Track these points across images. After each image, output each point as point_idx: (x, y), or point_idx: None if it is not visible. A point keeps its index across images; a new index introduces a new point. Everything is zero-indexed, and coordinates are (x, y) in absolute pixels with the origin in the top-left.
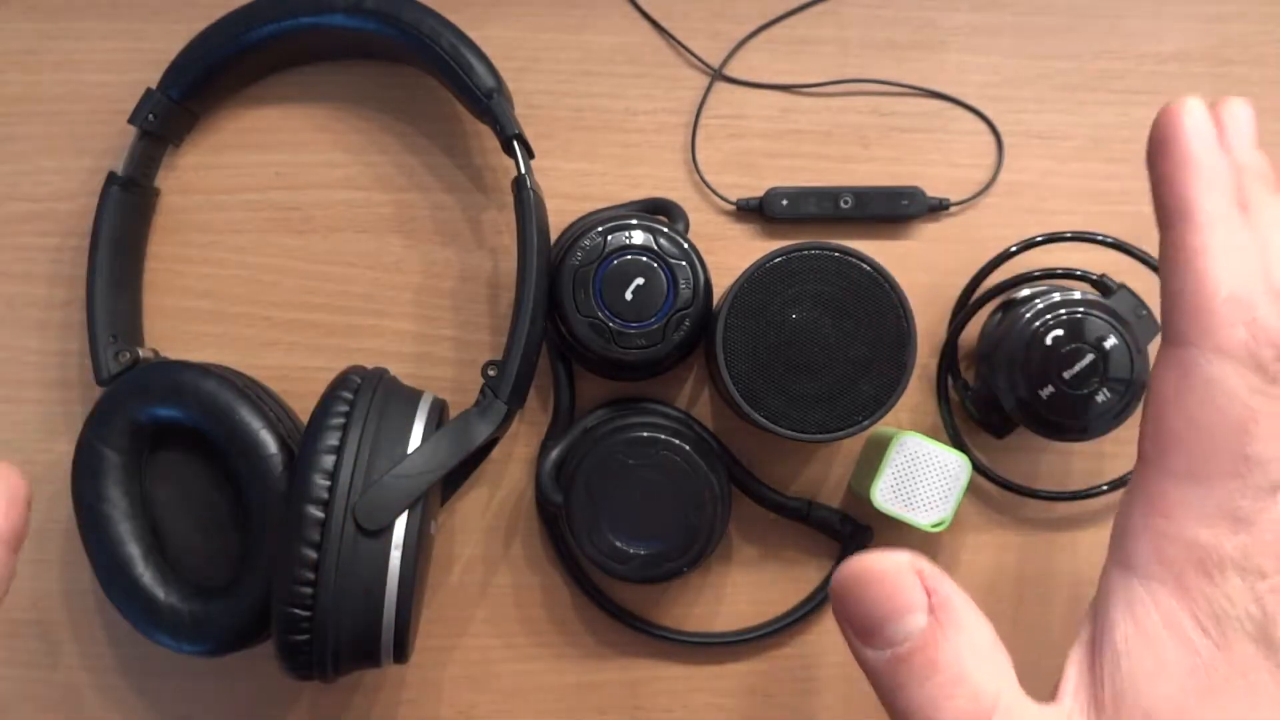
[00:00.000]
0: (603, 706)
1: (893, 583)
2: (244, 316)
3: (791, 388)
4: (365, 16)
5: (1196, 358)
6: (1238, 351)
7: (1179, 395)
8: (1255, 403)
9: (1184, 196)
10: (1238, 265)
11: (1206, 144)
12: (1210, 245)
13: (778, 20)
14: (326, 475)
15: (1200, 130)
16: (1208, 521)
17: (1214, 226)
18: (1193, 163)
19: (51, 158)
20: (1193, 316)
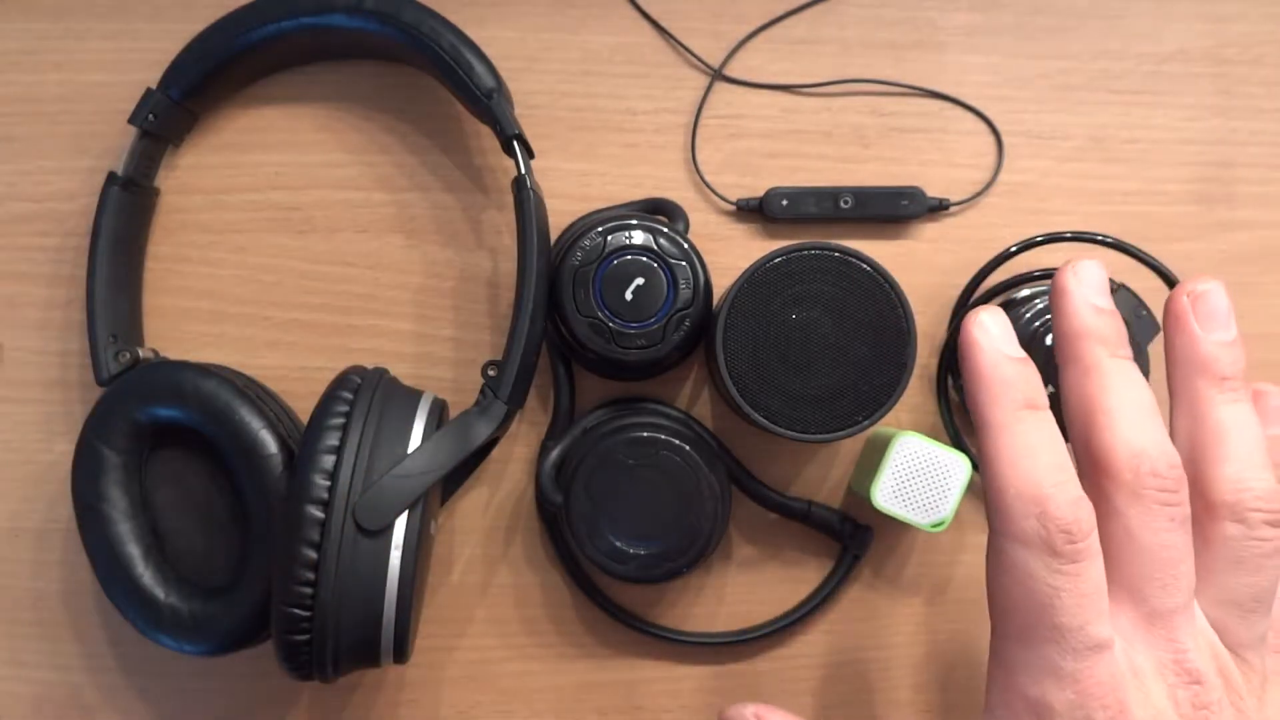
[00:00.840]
0: (603, 706)
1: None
2: (244, 316)
3: (791, 388)
4: (365, 16)
5: (1002, 545)
6: (1032, 540)
7: (996, 576)
8: (1055, 581)
9: (976, 409)
10: (1025, 465)
11: (993, 358)
12: (1000, 451)
13: (778, 20)
14: (326, 475)
15: (989, 343)
16: (1036, 679)
17: (1001, 434)
18: (981, 378)
19: (51, 158)
20: (994, 511)
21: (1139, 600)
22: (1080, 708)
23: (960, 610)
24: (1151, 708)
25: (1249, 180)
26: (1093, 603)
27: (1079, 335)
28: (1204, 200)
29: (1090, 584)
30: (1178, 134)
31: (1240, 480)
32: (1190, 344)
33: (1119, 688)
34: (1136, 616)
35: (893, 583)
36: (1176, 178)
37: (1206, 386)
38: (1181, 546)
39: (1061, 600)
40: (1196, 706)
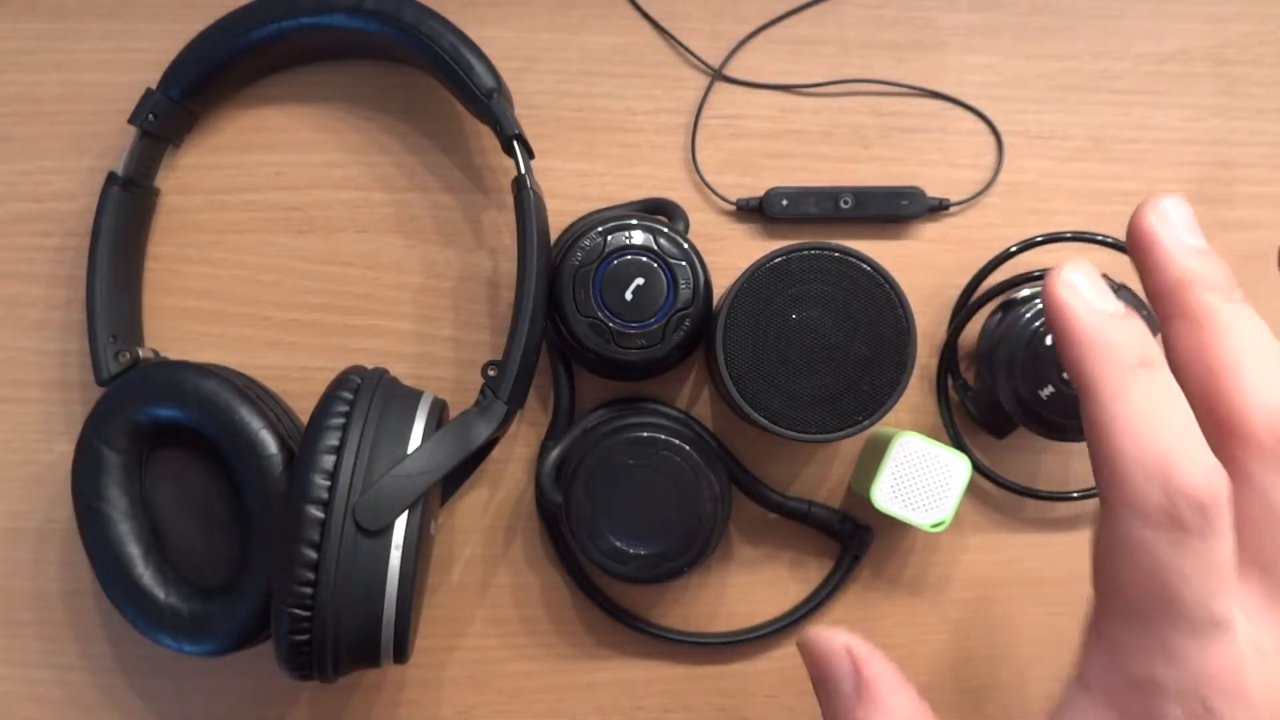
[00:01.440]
0: (603, 706)
1: (827, 658)
2: (244, 316)
3: (791, 388)
4: (365, 16)
5: (1119, 520)
6: (1154, 513)
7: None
8: (1180, 560)
9: (1081, 374)
10: (1145, 430)
11: (1092, 317)
12: (1115, 418)
13: (778, 20)
14: (326, 475)
15: (1082, 303)
16: (1146, 656)
17: (1115, 400)
18: (1082, 342)
19: (51, 158)
20: (1109, 485)
21: (1270, 576)
22: (1194, 691)
23: (960, 610)
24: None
25: (1249, 180)
26: (1219, 579)
27: (1184, 284)
28: (1204, 200)
29: (1220, 561)
30: (1178, 134)
31: None
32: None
33: (1239, 669)
34: (1264, 593)
35: (893, 583)
36: (1176, 178)
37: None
38: None
39: (1187, 580)
40: None
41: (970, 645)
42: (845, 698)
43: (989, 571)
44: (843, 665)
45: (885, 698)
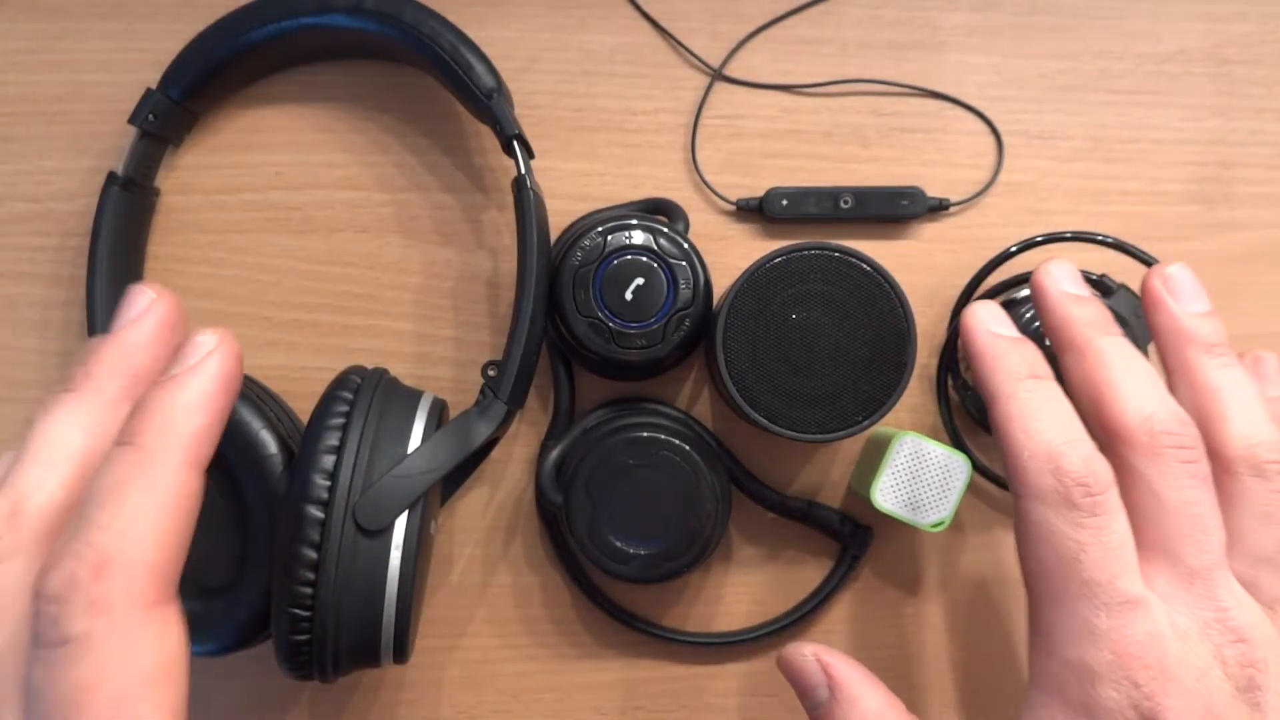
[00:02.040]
0: (603, 706)
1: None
2: (244, 316)
3: (791, 388)
4: (365, 16)
5: (1024, 507)
6: (1050, 496)
7: (1023, 540)
8: (1077, 534)
9: (982, 383)
10: (1035, 426)
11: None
12: (1010, 417)
13: (778, 20)
14: (326, 475)
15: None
16: (1073, 640)
17: (1009, 402)
18: (980, 354)
19: (51, 158)
20: (1012, 475)
21: (1174, 560)
22: (1121, 668)
23: (960, 610)
24: (1196, 668)
25: (1249, 180)
26: (1119, 556)
27: (1066, 323)
28: (1204, 200)
29: (1114, 537)
30: (1178, 134)
31: (1249, 435)
32: (1172, 320)
33: (1159, 647)
34: (1174, 577)
35: (893, 583)
36: (1176, 178)
37: (1197, 354)
38: (1207, 503)
39: (1087, 554)
40: (1243, 664)
41: (970, 645)
42: (823, 704)
43: (989, 571)
44: (815, 674)
45: (858, 697)
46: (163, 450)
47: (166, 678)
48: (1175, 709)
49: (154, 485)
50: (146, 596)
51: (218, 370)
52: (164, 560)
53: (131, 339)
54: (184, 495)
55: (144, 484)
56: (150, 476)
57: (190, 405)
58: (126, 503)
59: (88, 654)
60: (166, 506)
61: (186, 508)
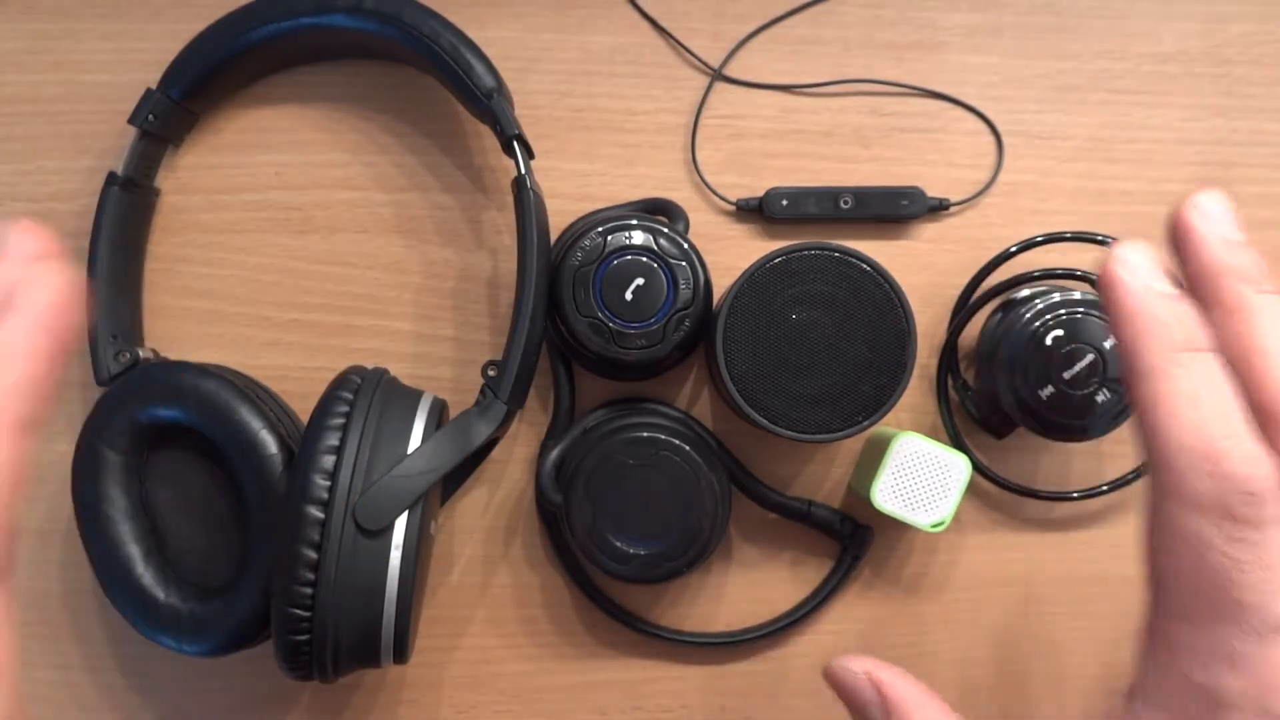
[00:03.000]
0: (603, 706)
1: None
2: (244, 316)
3: (791, 388)
4: (365, 16)
5: (1170, 510)
6: (1206, 503)
7: (1163, 545)
8: (1234, 550)
9: (1128, 350)
10: (1191, 415)
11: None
12: (1160, 399)
13: (778, 20)
14: (326, 475)
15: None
16: (1206, 662)
17: (1160, 380)
18: (1130, 318)
19: (51, 158)
20: (1159, 472)
21: None
22: (1260, 699)
23: (960, 610)
24: None
25: (1249, 180)
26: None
27: (1216, 274)
28: None
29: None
30: (1178, 134)
31: None
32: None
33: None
34: None
35: (893, 583)
36: (1176, 178)
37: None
38: None
39: (1244, 574)
40: None
41: (970, 645)
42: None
43: (989, 571)
44: (867, 692)
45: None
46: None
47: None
48: None
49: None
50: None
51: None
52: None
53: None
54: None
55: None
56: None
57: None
58: None
59: None
60: None
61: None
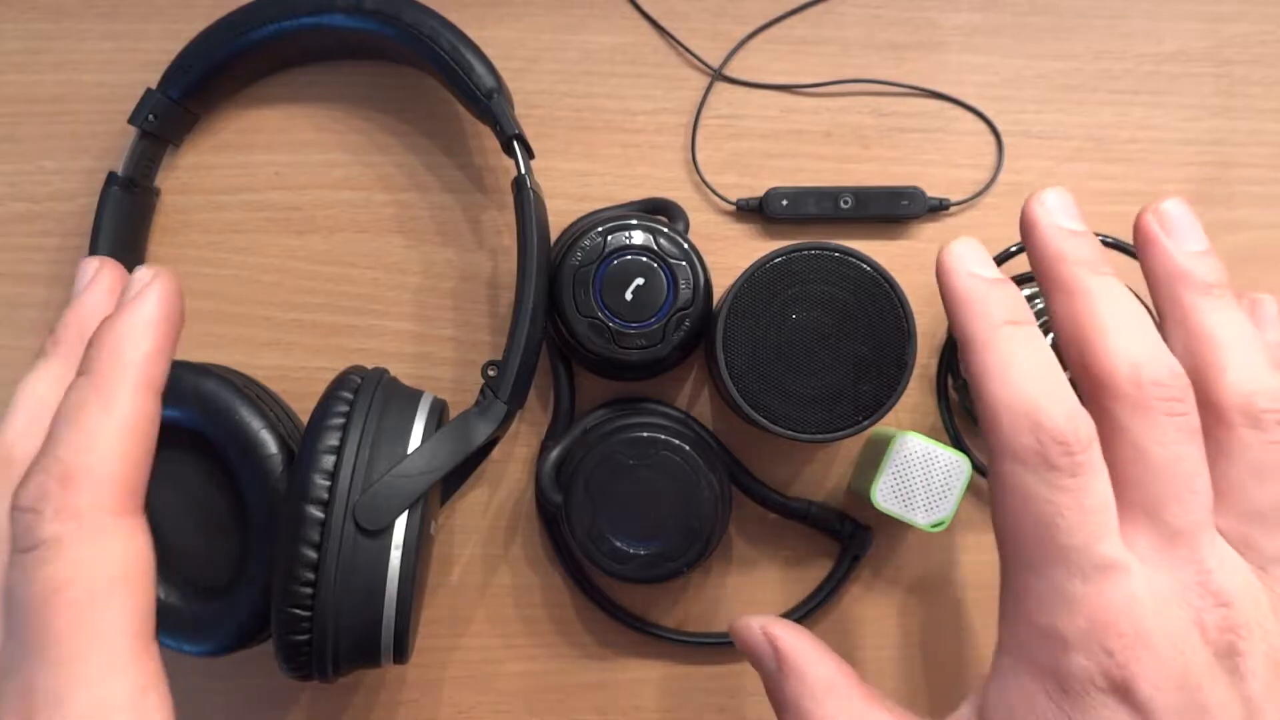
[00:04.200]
0: (603, 706)
1: (750, 644)
2: (244, 316)
3: (791, 388)
4: (365, 16)
5: (1001, 466)
6: (1028, 456)
7: (998, 500)
8: (1055, 497)
9: (958, 328)
10: (1014, 378)
11: (967, 279)
12: (986, 367)
13: (778, 20)
14: (326, 475)
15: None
16: (1045, 606)
17: (985, 350)
18: (956, 298)
19: (51, 158)
20: (988, 432)
21: (1156, 520)
22: (1094, 636)
23: (960, 610)
24: (1174, 635)
25: (1249, 180)
26: (1098, 519)
27: (1056, 259)
28: (1204, 200)
29: (1094, 498)
30: (1178, 134)
31: (1246, 383)
32: (1166, 258)
33: (1135, 613)
34: (1155, 538)
35: (893, 583)
36: (1176, 178)
37: (1192, 296)
38: (1195, 459)
39: (1065, 517)
40: (1224, 630)
41: (970, 645)
42: (773, 675)
43: (989, 571)
44: (763, 646)
45: (805, 666)
46: (115, 375)
47: (133, 581)
48: (1148, 677)
49: (110, 406)
50: (112, 505)
51: (157, 297)
52: (126, 473)
53: (87, 303)
54: (141, 415)
55: (101, 405)
56: (106, 398)
57: (135, 332)
58: (87, 422)
59: (58, 555)
60: (124, 425)
61: (144, 427)
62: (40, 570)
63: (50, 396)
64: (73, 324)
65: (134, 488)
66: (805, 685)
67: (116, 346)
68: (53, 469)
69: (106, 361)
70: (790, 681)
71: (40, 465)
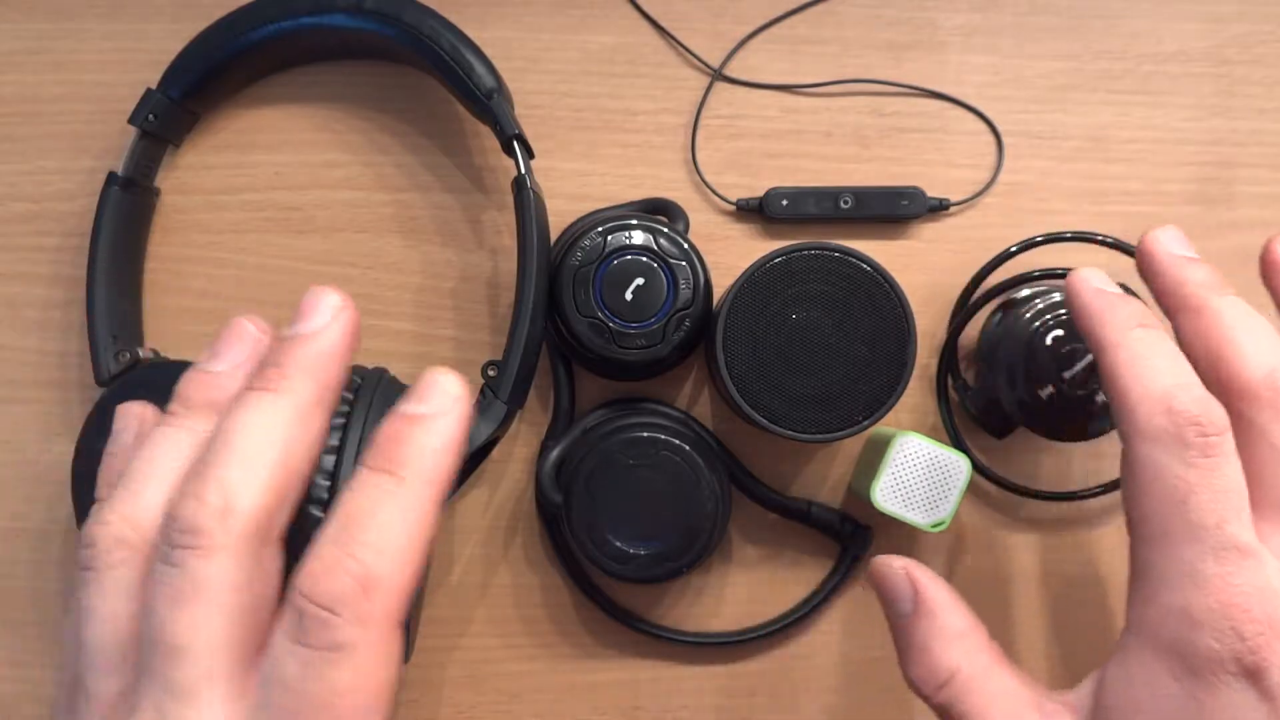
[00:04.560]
0: (603, 706)
1: (889, 580)
2: None
3: (791, 388)
4: (365, 16)
5: (1133, 448)
6: (1161, 435)
7: (1130, 481)
8: (1187, 474)
9: (1090, 336)
10: (1146, 370)
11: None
12: (1119, 364)
13: (778, 20)
14: (327, 475)
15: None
16: (1175, 583)
17: (1118, 349)
18: (1087, 308)
19: (51, 158)
20: (1122, 420)
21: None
22: (1226, 617)
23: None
24: None
25: (1249, 180)
26: (1230, 500)
27: (1178, 284)
28: (1204, 200)
29: (1226, 480)
30: (1178, 134)
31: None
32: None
33: (1269, 602)
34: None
35: None
36: (1176, 178)
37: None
38: None
39: (1196, 495)
40: None
41: None
42: (905, 616)
43: (989, 571)
44: (902, 585)
45: (939, 613)
46: (418, 484)
47: (393, 692)
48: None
49: (409, 513)
50: (398, 616)
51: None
52: (412, 584)
53: (325, 345)
54: (431, 525)
55: (401, 511)
56: (406, 505)
57: (441, 447)
58: (390, 527)
59: (350, 661)
60: (419, 535)
61: (431, 537)
62: (329, 671)
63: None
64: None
65: (411, 597)
66: (936, 628)
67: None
68: (355, 571)
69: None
70: (923, 622)
71: (341, 564)
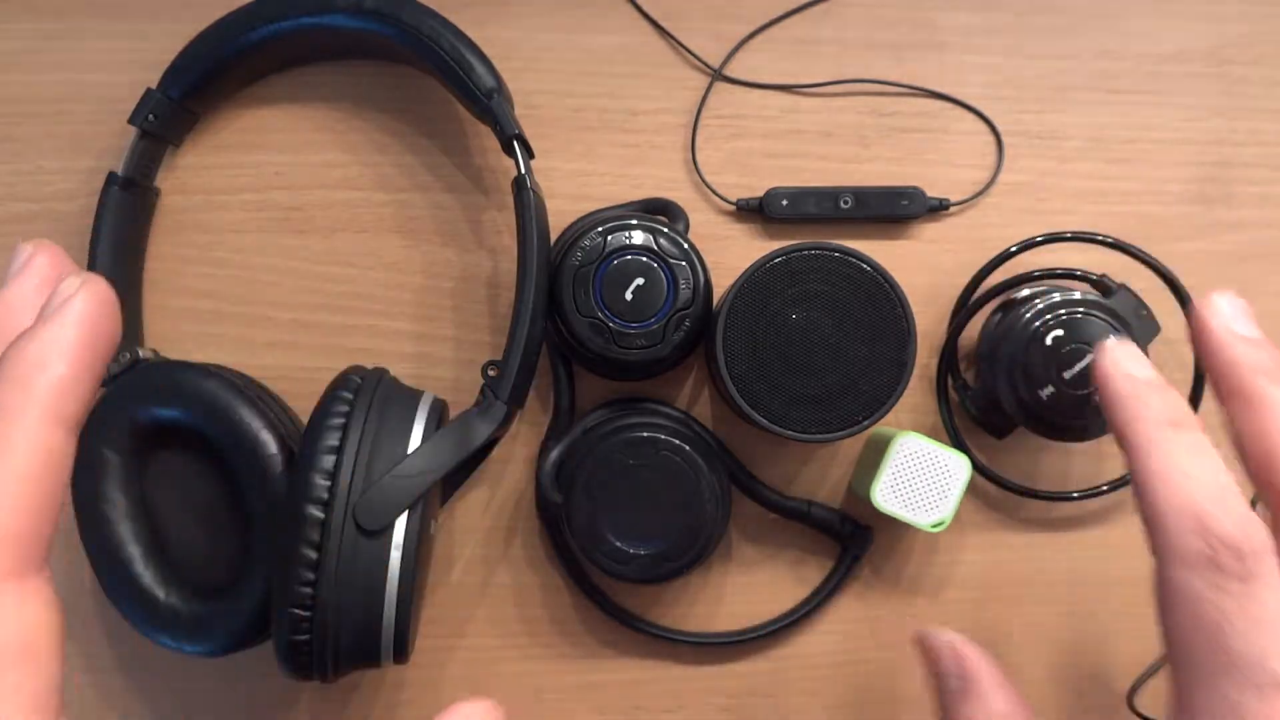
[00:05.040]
0: (603, 706)
1: (937, 654)
2: (244, 316)
3: (791, 388)
4: (365, 16)
5: (1166, 572)
6: (1196, 560)
7: (1165, 605)
8: (1222, 602)
9: (1119, 430)
10: (1180, 481)
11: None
12: (1151, 470)
13: (778, 20)
14: (326, 475)
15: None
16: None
17: (1150, 453)
18: (1120, 399)
19: (51, 158)
20: (1153, 534)
21: None
22: None
23: (960, 610)
24: None
25: (1249, 180)
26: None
27: (1232, 365)
28: (1204, 200)
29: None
30: (1178, 134)
31: None
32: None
33: None
34: None
35: (893, 583)
36: (1176, 178)
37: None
38: None
39: (1232, 624)
40: None
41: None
42: (953, 693)
43: (989, 571)
44: (949, 661)
45: (987, 696)
46: (17, 407)
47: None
48: None
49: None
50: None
51: (78, 314)
52: (25, 529)
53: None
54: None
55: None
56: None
57: (45, 355)
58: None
59: None
60: (25, 470)
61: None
62: None
63: None
64: None
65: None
66: (983, 711)
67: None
68: None
69: (8, 391)
70: (970, 703)
71: None
